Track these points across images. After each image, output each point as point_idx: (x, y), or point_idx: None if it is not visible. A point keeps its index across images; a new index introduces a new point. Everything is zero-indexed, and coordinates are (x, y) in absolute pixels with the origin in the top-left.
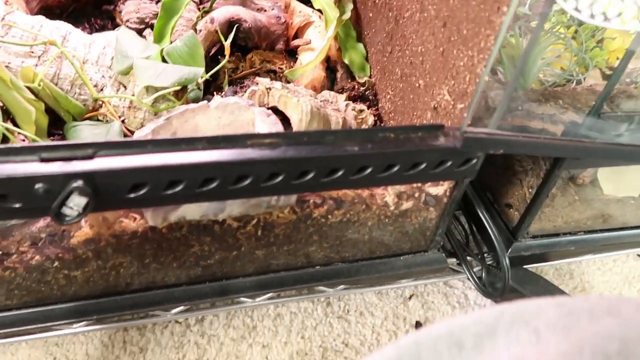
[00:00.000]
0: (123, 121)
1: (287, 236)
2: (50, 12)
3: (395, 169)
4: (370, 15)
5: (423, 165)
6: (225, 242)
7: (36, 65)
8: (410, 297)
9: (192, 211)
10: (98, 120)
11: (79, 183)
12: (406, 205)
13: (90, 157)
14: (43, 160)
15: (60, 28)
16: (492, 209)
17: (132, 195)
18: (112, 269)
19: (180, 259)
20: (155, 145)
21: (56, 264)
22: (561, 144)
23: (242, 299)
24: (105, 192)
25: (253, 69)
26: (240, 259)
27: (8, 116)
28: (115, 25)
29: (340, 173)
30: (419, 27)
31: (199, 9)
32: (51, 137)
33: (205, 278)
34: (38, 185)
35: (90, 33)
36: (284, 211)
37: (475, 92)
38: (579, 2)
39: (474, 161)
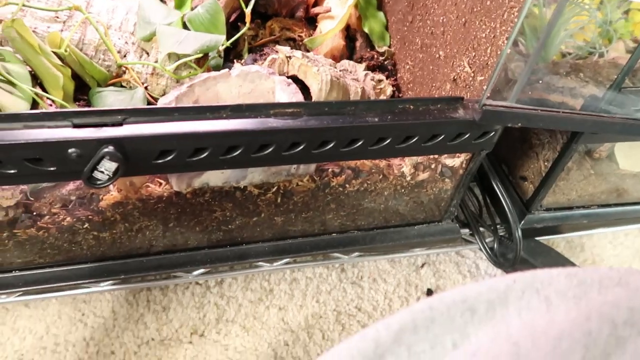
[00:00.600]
0: (146, 88)
1: (306, 204)
2: None
3: (414, 140)
4: None
5: (441, 137)
6: (246, 208)
7: (61, 30)
8: (422, 266)
9: (215, 177)
10: (122, 86)
11: (110, 149)
12: (422, 176)
13: (119, 124)
14: (75, 126)
15: None
16: (507, 181)
17: (159, 161)
18: (138, 231)
19: (202, 224)
20: (181, 113)
21: (86, 225)
22: (580, 118)
23: (260, 263)
24: (134, 157)
25: (273, 37)
26: (259, 224)
27: (37, 81)
28: None
29: (359, 143)
30: None
31: None
32: (77, 102)
33: (226, 242)
34: (71, 150)
35: None
36: (303, 179)
37: (496, 65)
38: None
39: (492, 134)
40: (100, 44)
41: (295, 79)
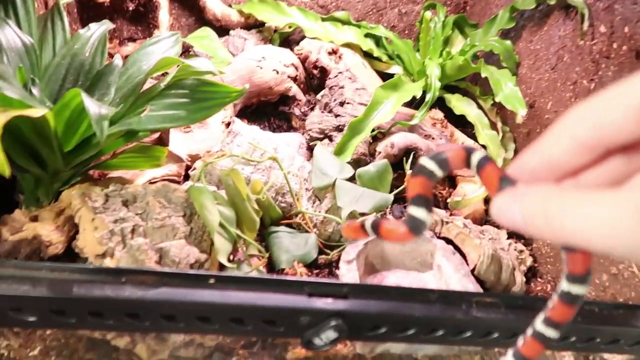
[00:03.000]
0: (315, 232)
1: None
2: (241, 110)
3: (596, 340)
4: None
5: (621, 342)
6: None
7: (252, 172)
8: None
9: (397, 347)
10: (291, 226)
11: (338, 321)
12: None
13: (345, 297)
14: (310, 295)
15: (272, 140)
16: None
17: (370, 334)
18: None
19: None
20: (397, 292)
21: None
22: None
23: None
24: (351, 328)
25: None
26: None
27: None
28: (290, 127)
29: None
30: None
31: (372, 130)
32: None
33: None
34: (303, 318)
35: (270, 131)
36: (473, 357)
37: None
38: None
39: None
40: (281, 187)
41: (447, 241)
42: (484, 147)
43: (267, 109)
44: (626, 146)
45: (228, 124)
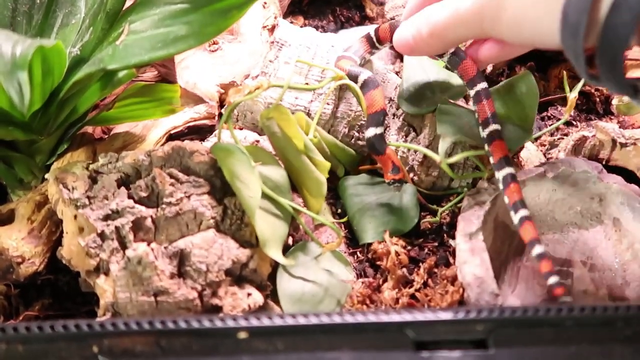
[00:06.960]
0: (412, 179)
1: None
2: (293, 4)
3: None
4: None
5: None
6: None
7: (311, 101)
8: None
9: None
10: (376, 173)
11: None
12: None
13: (482, 344)
14: (418, 346)
15: (336, 46)
16: None
17: None
18: None
19: None
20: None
21: None
22: None
23: None
24: None
25: (560, 94)
26: None
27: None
28: (363, 17)
29: None
30: None
31: None
32: None
33: None
34: None
35: (336, 28)
36: None
37: None
38: None
39: None
40: (355, 117)
41: (622, 174)
42: None
43: None
44: None
45: (273, 29)
